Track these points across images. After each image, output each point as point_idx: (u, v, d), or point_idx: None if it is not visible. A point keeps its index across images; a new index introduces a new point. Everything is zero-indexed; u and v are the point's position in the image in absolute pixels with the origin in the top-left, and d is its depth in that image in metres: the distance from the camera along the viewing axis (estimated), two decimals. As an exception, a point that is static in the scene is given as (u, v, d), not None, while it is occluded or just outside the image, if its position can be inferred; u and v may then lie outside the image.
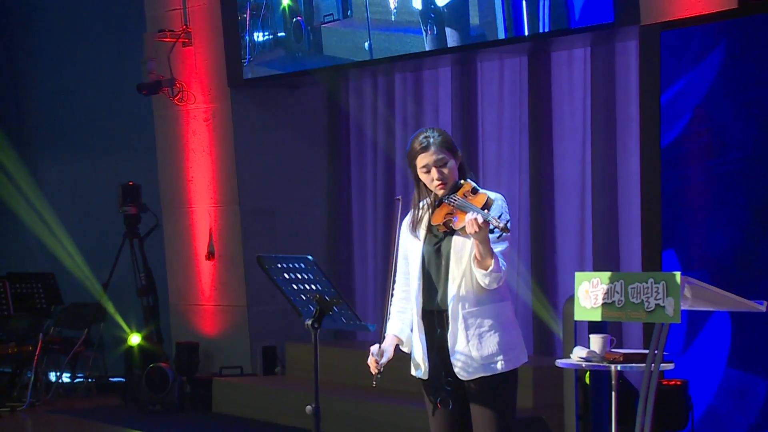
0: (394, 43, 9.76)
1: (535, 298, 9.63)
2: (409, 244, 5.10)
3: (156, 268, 11.94)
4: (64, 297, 12.54)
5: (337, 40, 10.27)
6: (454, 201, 4.91)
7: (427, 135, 5.01)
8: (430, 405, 5.09)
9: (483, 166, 10.15)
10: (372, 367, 4.99)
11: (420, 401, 5.19)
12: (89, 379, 12.27)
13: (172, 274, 11.96)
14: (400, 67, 10.52)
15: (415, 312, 5.05)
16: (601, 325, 6.75)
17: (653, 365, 5.34)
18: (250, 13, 10.97)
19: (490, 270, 4.81)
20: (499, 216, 4.84)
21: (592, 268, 9.12)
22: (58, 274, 12.77)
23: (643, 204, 8.46)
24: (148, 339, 11.75)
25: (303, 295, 5.07)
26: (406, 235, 5.12)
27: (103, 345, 12.31)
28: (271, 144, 11.47)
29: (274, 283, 5.14)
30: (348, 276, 11.48)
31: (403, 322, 5.11)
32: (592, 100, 9.35)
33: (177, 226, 11.85)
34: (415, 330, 5.07)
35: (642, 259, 8.51)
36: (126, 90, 12.12)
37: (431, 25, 9.39)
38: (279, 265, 5.07)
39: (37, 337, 11.43)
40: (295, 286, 5.07)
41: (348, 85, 11.47)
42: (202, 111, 11.56)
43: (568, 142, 9.59)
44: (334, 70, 10.64)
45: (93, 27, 13.56)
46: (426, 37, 9.43)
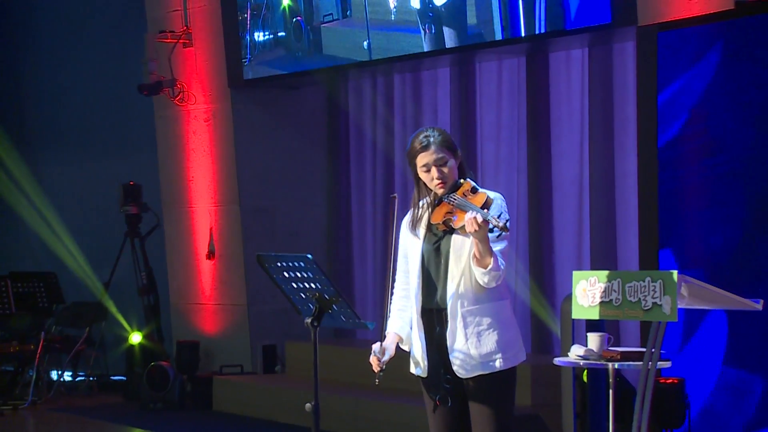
0: (392, 43, 9.77)
1: (533, 296, 9.62)
2: (408, 243, 5.09)
3: (157, 267, 11.96)
4: (65, 296, 12.54)
5: (337, 39, 10.30)
6: (454, 200, 4.90)
7: (428, 134, 5.00)
8: (430, 403, 5.07)
9: (481, 166, 10.13)
10: (374, 366, 4.98)
11: (419, 399, 5.19)
12: (90, 378, 12.29)
13: (173, 273, 11.96)
14: (399, 68, 10.51)
15: (414, 310, 5.04)
16: (598, 324, 6.78)
17: (650, 363, 5.35)
18: (250, 13, 10.99)
19: (489, 269, 4.81)
20: (499, 215, 4.83)
21: (589, 267, 9.10)
22: (59, 273, 12.78)
23: (641, 203, 8.45)
24: (149, 338, 11.78)
25: (302, 293, 5.05)
26: (405, 233, 5.11)
27: (104, 344, 12.32)
28: (271, 144, 11.47)
29: (274, 282, 5.13)
30: (347, 275, 11.46)
31: (403, 320, 5.10)
32: (590, 100, 9.33)
33: (178, 225, 11.86)
34: (414, 328, 5.06)
35: (639, 258, 8.49)
36: (127, 90, 12.13)
37: (429, 24, 9.39)
38: (279, 263, 5.05)
39: (39, 335, 11.43)
40: (294, 284, 5.05)
41: (347, 85, 11.46)
42: (203, 111, 11.57)
43: (566, 142, 9.58)
44: (334, 71, 10.65)
45: (94, 28, 13.56)
46: (424, 36, 9.45)
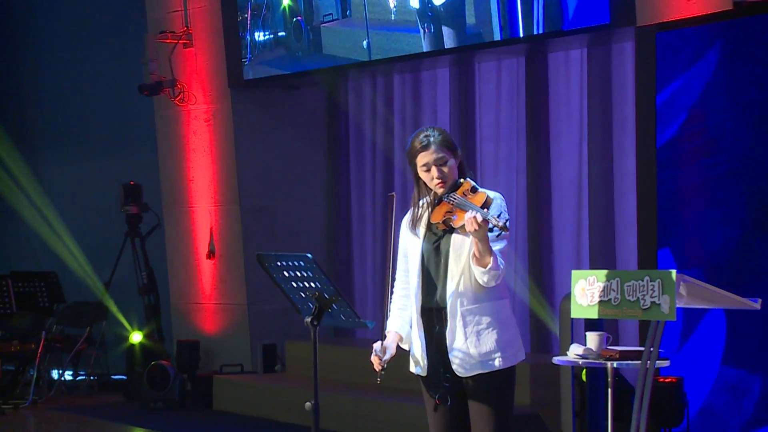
0: (392, 42, 9.78)
1: (532, 296, 9.63)
2: (408, 242, 5.10)
3: (157, 267, 11.96)
4: (66, 295, 12.57)
5: (337, 39, 10.31)
6: (454, 199, 4.90)
7: (428, 134, 5.00)
8: (430, 402, 5.07)
9: (481, 166, 10.13)
10: (375, 365, 4.97)
11: (419, 398, 5.19)
12: (91, 377, 12.30)
13: (173, 272, 11.98)
14: (399, 68, 10.52)
15: (414, 309, 5.05)
16: (597, 323, 6.79)
17: (649, 362, 5.36)
18: (251, 13, 11.00)
19: (488, 268, 4.81)
20: (498, 215, 4.84)
21: (588, 266, 9.11)
22: (60, 272, 12.80)
23: (639, 203, 8.46)
24: (150, 337, 11.78)
25: (302, 292, 5.05)
26: (405, 233, 5.12)
27: (104, 343, 12.33)
28: (271, 144, 11.48)
29: (274, 281, 5.12)
30: (347, 274, 11.47)
31: (403, 319, 5.10)
32: (589, 100, 9.35)
33: (178, 225, 11.87)
34: (414, 327, 5.06)
35: (638, 257, 8.51)
36: (127, 90, 12.14)
37: (428, 23, 9.39)
38: (278, 263, 5.05)
39: (40, 335, 11.44)
40: (294, 283, 5.05)
41: (347, 85, 11.47)
42: (203, 111, 11.59)
43: (565, 142, 9.59)
44: (334, 71, 10.67)
45: (95, 28, 13.57)
46: (423, 36, 9.47)
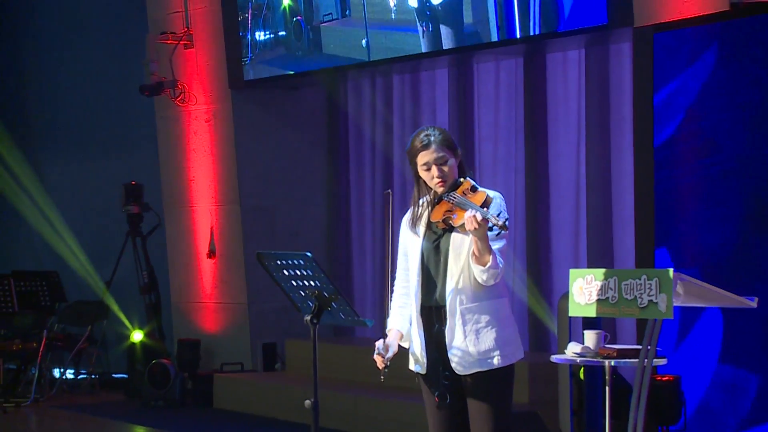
0: (391, 42, 9.79)
1: (530, 295, 9.64)
2: (408, 241, 5.12)
3: (158, 266, 11.97)
4: (67, 295, 12.56)
5: (336, 38, 10.32)
6: (454, 198, 4.93)
7: (428, 133, 5.02)
8: (429, 399, 5.10)
9: (479, 166, 10.12)
10: (378, 363, 4.99)
11: (418, 396, 5.21)
12: (92, 376, 12.31)
13: (174, 272, 11.99)
14: (398, 68, 10.53)
15: (413, 307, 5.06)
16: (595, 322, 6.77)
17: (646, 361, 5.37)
18: (251, 13, 11.01)
19: (488, 266, 4.83)
20: (498, 214, 4.85)
21: (586, 265, 9.11)
22: (61, 272, 12.80)
23: (637, 203, 8.46)
24: (150, 336, 11.80)
25: (302, 291, 5.07)
26: (405, 231, 5.14)
27: (106, 342, 12.35)
28: (271, 144, 11.50)
29: (274, 280, 5.14)
30: (347, 274, 11.46)
31: (403, 317, 5.12)
32: (587, 100, 9.35)
33: (179, 225, 11.89)
34: (413, 325, 5.07)
35: (635, 256, 8.52)
36: (128, 91, 12.14)
37: (427, 23, 9.39)
38: (278, 261, 5.06)
39: (41, 334, 11.45)
40: (294, 282, 5.06)
41: (347, 85, 11.47)
42: (204, 112, 11.60)
43: (563, 143, 9.59)
44: (334, 71, 10.69)
45: (96, 29, 13.56)
46: (422, 35, 9.48)
